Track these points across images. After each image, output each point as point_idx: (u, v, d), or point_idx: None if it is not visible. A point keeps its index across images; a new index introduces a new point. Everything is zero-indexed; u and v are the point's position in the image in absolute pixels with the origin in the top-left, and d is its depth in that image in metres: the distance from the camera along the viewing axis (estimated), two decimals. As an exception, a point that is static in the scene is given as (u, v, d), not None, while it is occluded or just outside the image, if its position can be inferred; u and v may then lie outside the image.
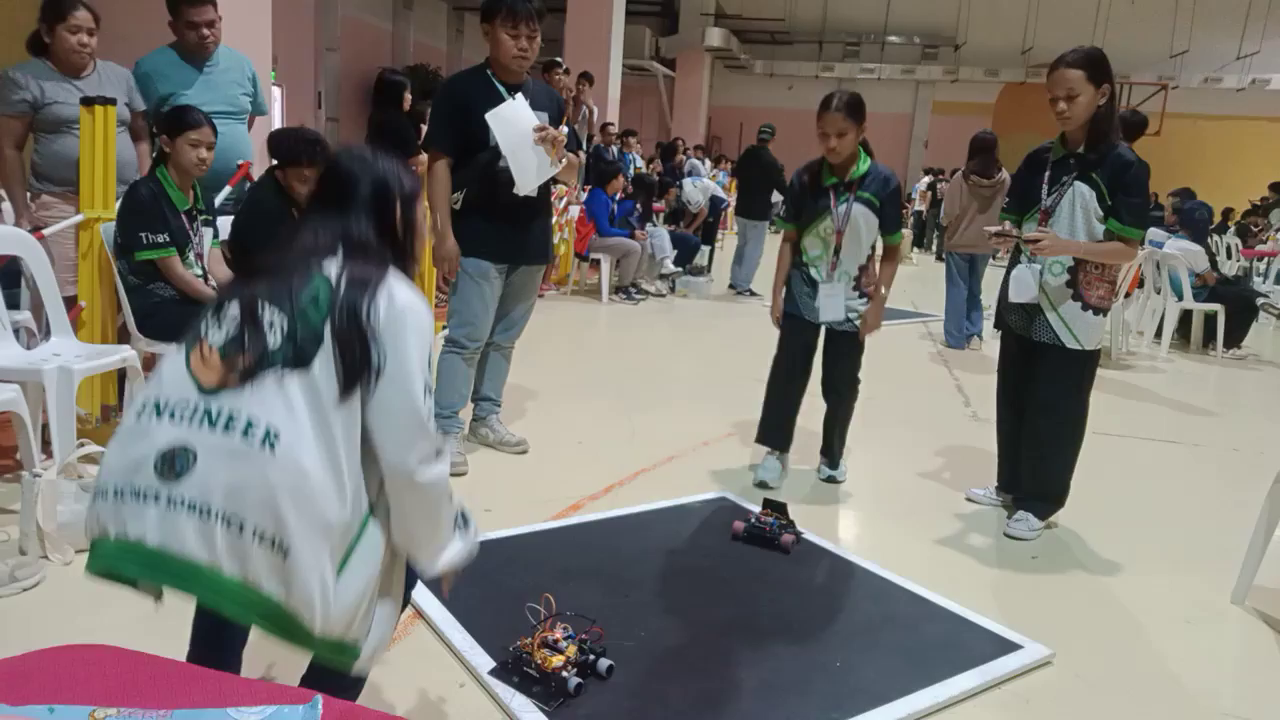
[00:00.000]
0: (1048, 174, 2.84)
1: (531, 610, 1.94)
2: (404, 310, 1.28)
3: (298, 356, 1.22)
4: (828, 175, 3.10)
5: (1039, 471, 2.95)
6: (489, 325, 3.26)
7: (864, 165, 3.07)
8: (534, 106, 3.11)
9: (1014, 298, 2.88)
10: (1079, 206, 2.76)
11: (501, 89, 3.07)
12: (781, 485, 3.27)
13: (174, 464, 1.18)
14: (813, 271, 3.14)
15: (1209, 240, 7.20)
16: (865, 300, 3.15)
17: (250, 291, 1.28)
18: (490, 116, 3.00)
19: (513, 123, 3.02)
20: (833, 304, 3.10)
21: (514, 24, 2.99)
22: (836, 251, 3.08)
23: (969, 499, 3.21)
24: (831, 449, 3.38)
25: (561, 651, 1.88)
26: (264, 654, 1.77)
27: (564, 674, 1.82)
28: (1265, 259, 10.32)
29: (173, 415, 1.21)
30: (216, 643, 1.48)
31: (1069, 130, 2.78)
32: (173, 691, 0.72)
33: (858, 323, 3.15)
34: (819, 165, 3.12)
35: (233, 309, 1.27)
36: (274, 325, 1.24)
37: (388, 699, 1.84)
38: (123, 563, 1.19)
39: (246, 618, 1.20)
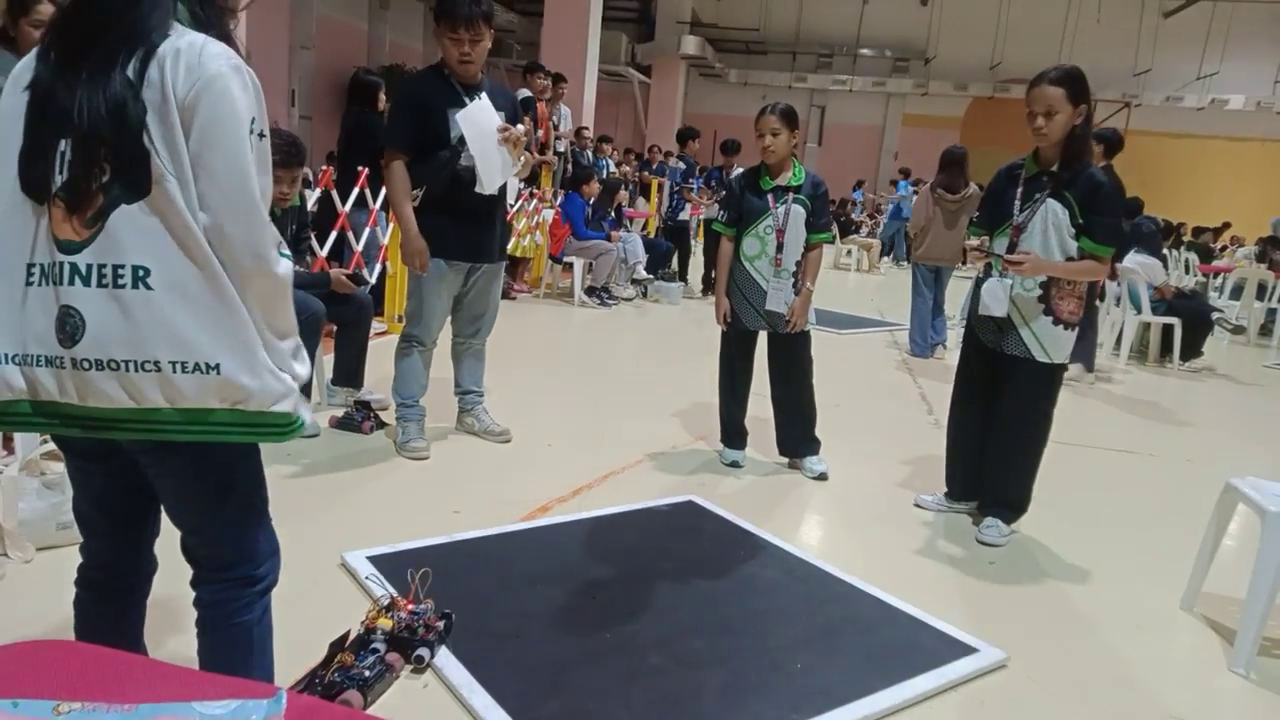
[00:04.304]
0: (1020, 190, 2.87)
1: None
2: (209, 82, 1.17)
3: (135, 184, 1.17)
4: (766, 180, 3.35)
5: (1007, 480, 3.01)
6: (444, 321, 3.37)
7: (800, 174, 3.36)
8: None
9: (985, 311, 2.90)
10: (1051, 224, 2.79)
11: (459, 89, 3.10)
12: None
13: (65, 328, 1.19)
14: (751, 270, 3.37)
15: (1162, 251, 7.40)
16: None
17: (70, 125, 1.17)
18: (461, 116, 3.03)
19: (479, 123, 3.06)
20: (777, 296, 3.36)
21: (453, 29, 3.01)
22: (779, 249, 3.32)
23: (918, 505, 3.25)
24: (812, 439, 3.55)
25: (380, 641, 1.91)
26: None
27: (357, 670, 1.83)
28: (1220, 275, 10.60)
29: (54, 280, 1.20)
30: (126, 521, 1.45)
31: (1043, 147, 2.81)
32: (137, 686, 0.72)
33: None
34: (755, 173, 3.41)
35: (67, 146, 1.19)
36: (104, 159, 1.17)
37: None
38: (50, 423, 1.25)
39: (195, 437, 1.24)
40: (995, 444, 3.01)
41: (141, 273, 1.18)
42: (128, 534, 1.46)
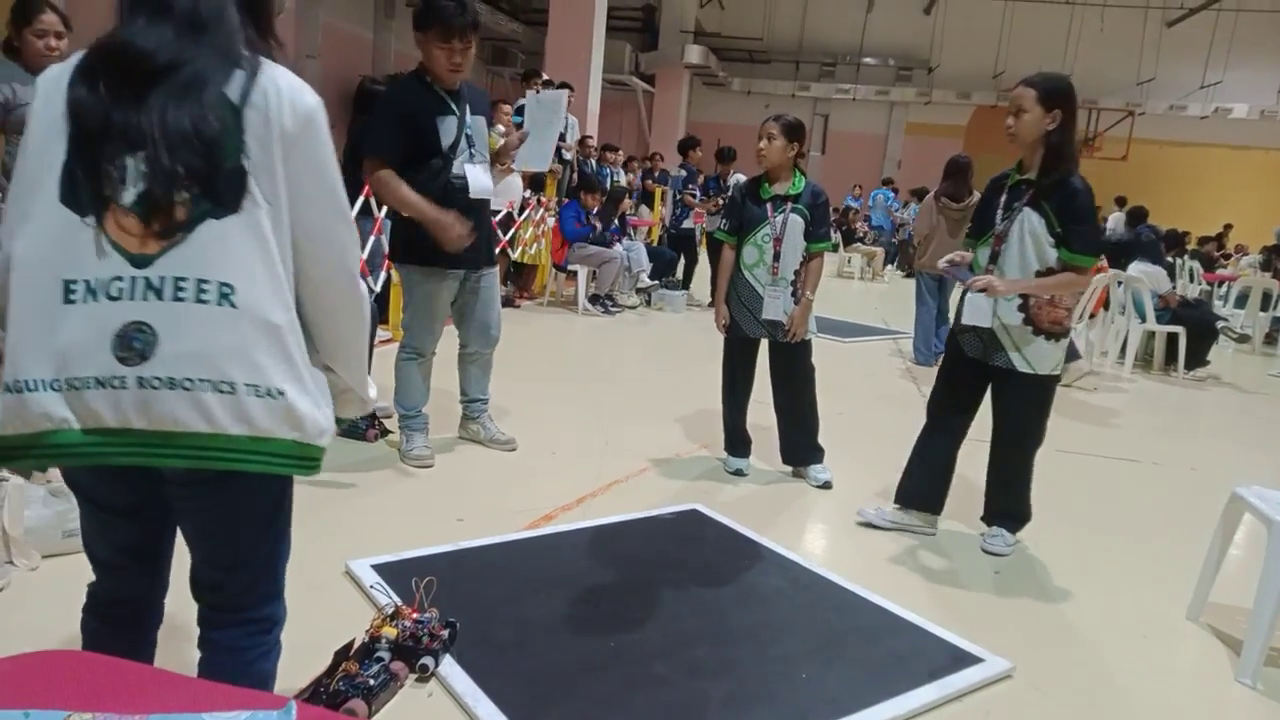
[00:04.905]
0: (1003, 199, 2.85)
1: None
2: (310, 113, 1.22)
3: (226, 200, 1.15)
4: (766, 190, 3.38)
5: (1008, 492, 2.99)
6: (442, 330, 3.38)
7: (799, 183, 3.37)
8: (472, 111, 3.20)
9: (967, 320, 2.87)
10: (1027, 233, 2.76)
11: (444, 95, 3.12)
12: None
13: (131, 345, 1.12)
14: (750, 279, 3.39)
15: (1165, 259, 7.39)
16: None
17: (145, 140, 1.13)
18: (538, 100, 3.17)
19: (537, 117, 3.19)
20: (774, 305, 3.37)
21: (446, 39, 3.01)
22: (776, 258, 3.34)
23: (860, 519, 3.12)
24: (815, 447, 3.55)
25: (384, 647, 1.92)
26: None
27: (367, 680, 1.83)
28: (1225, 283, 10.59)
29: (110, 295, 1.12)
30: (142, 559, 1.37)
31: (1017, 149, 2.81)
32: (147, 697, 0.73)
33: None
34: (757, 182, 3.44)
35: (135, 161, 1.13)
36: (190, 173, 1.13)
37: None
38: (103, 450, 1.15)
39: (259, 467, 1.19)
40: (995, 457, 2.99)
41: (226, 289, 1.14)
42: (153, 568, 1.39)
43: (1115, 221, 12.58)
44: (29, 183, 1.17)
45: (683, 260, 8.88)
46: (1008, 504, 3.00)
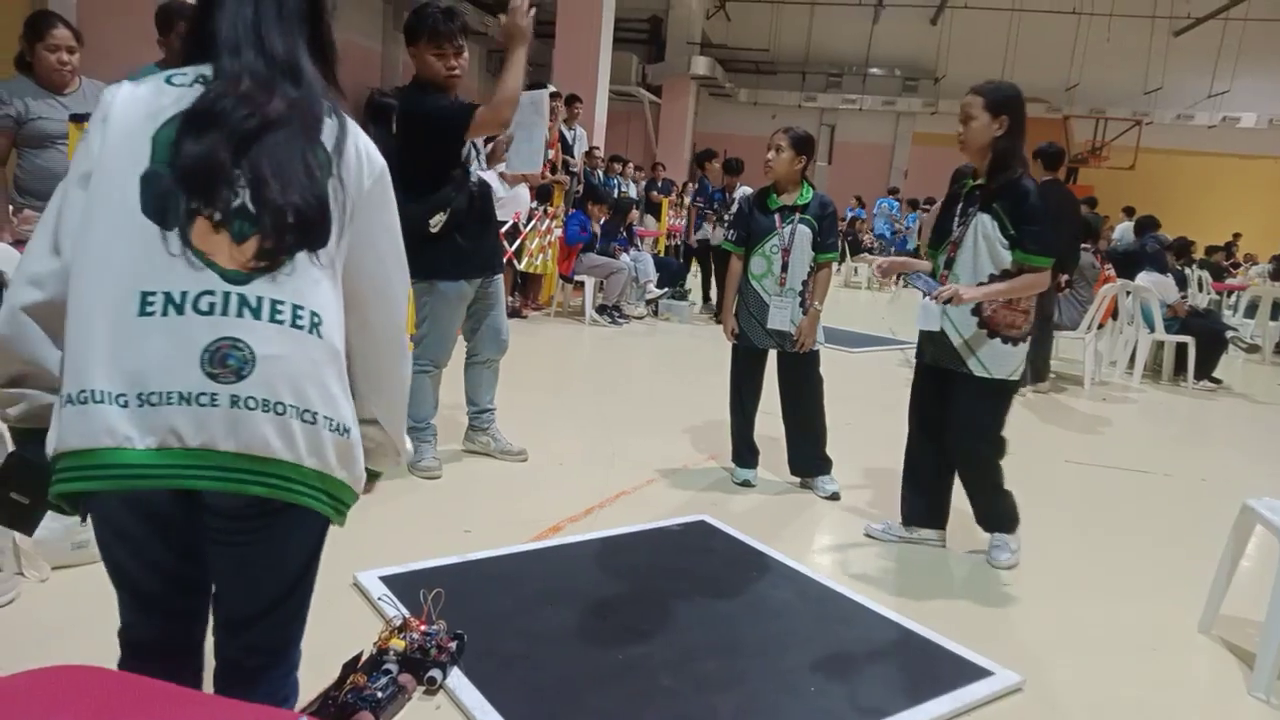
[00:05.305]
0: (959, 206, 2.87)
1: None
2: (382, 172, 1.26)
3: (319, 234, 1.15)
4: (773, 200, 3.40)
5: (991, 503, 2.96)
6: (455, 339, 3.41)
7: (807, 194, 3.39)
8: None
9: (918, 325, 2.88)
10: (981, 237, 2.76)
11: None
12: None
13: (226, 361, 1.07)
14: (758, 289, 3.40)
15: (1172, 268, 7.37)
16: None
17: (262, 177, 1.11)
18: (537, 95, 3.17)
19: (540, 111, 3.22)
20: (781, 315, 3.38)
21: (439, 45, 3.06)
22: (784, 268, 3.35)
23: (867, 534, 3.15)
24: (823, 457, 3.54)
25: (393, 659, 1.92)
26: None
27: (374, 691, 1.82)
28: (1234, 293, 10.55)
29: (199, 309, 1.07)
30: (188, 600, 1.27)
31: (967, 155, 2.83)
32: (161, 712, 0.73)
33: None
34: (764, 193, 3.46)
35: (242, 193, 1.10)
36: (296, 210, 1.12)
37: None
38: (172, 472, 1.06)
39: (319, 505, 1.15)
40: (964, 469, 2.96)
41: (316, 318, 1.14)
42: (196, 606, 1.28)
43: (1122, 231, 12.55)
44: (99, 193, 1.12)
45: (699, 271, 8.90)
46: (995, 513, 2.97)
